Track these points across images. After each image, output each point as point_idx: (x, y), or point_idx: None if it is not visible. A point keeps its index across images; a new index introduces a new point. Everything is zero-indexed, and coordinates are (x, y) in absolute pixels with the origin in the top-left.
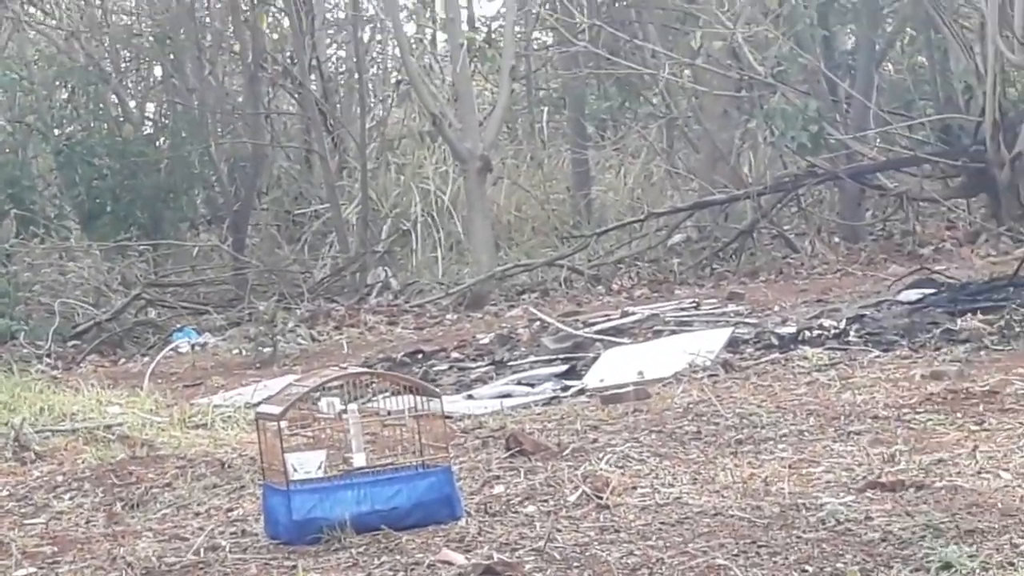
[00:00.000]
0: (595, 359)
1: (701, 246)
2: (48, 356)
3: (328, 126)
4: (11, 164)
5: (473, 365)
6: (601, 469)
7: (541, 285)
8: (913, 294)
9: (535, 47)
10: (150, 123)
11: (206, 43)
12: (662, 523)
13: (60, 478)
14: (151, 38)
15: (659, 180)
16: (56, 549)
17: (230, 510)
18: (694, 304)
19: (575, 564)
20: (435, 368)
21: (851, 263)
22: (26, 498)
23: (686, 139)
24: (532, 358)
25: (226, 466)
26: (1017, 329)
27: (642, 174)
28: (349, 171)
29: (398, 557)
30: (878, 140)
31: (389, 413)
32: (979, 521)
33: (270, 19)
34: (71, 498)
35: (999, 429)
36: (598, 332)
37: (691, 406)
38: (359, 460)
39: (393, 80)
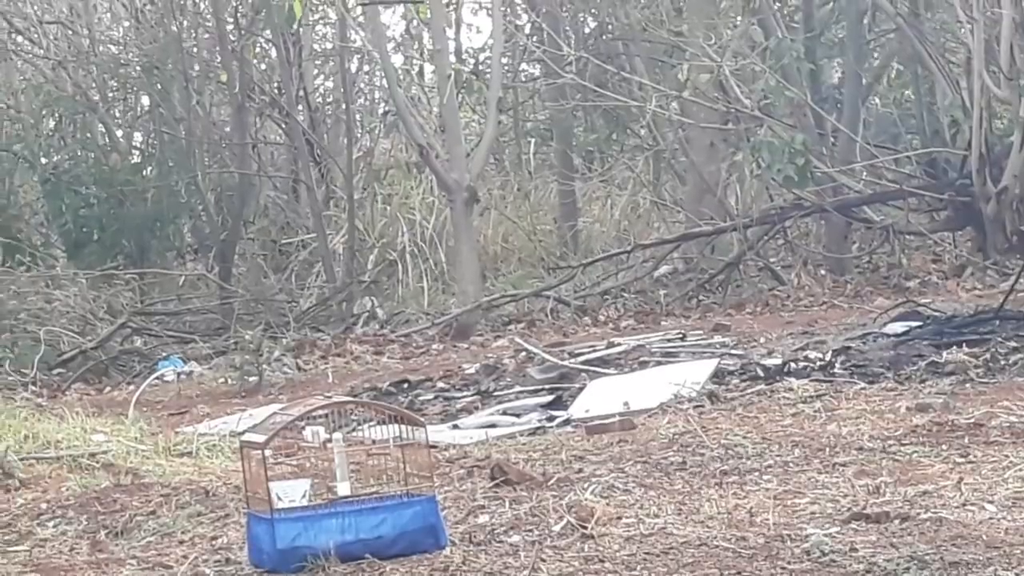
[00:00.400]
0: (581, 389)
1: (687, 277)
2: (33, 384)
3: (315, 156)
4: None
5: (459, 395)
6: (586, 499)
7: (527, 316)
8: (899, 326)
9: (522, 79)
10: (137, 152)
11: (193, 73)
12: (647, 553)
13: (44, 505)
14: (138, 68)
15: (646, 212)
16: None
17: (214, 538)
18: (680, 335)
19: None
20: (421, 398)
21: (837, 295)
22: (10, 525)
23: (673, 171)
24: (518, 388)
25: (211, 494)
26: (1002, 362)
27: (629, 205)
28: (336, 201)
29: None
30: (864, 173)
31: (374, 442)
32: (964, 553)
33: (257, 50)
34: (55, 526)
35: (984, 461)
36: (584, 362)
37: (676, 437)
38: (344, 489)
39: (380, 111)
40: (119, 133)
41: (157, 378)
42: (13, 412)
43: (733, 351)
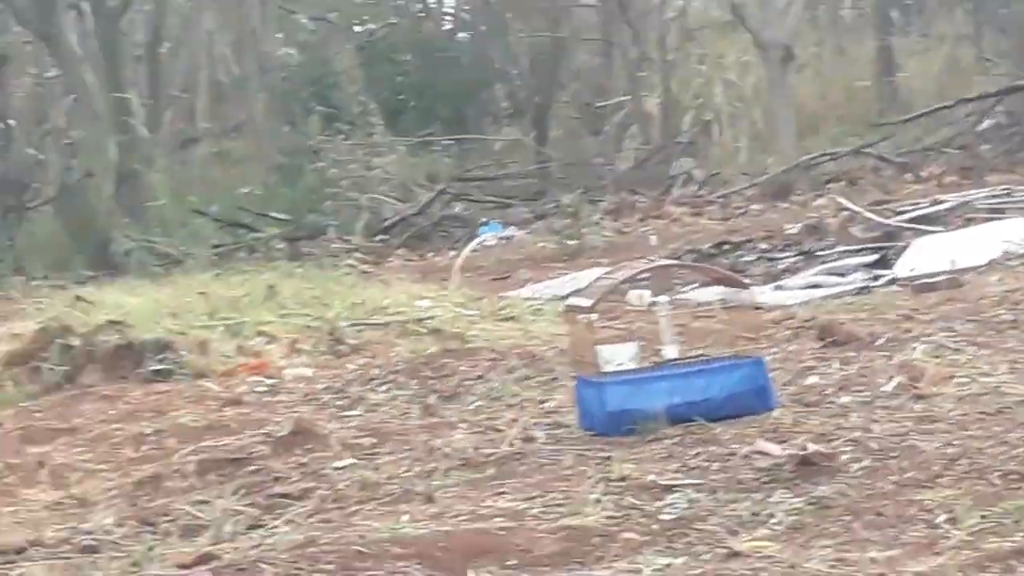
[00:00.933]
0: (905, 248)
1: (1012, 131)
2: (357, 251)
3: (627, 18)
4: (314, 62)
5: (781, 256)
6: (916, 359)
7: (847, 174)
8: None
9: None
10: (450, 19)
11: None
12: (980, 413)
13: (375, 371)
14: None
15: (967, 66)
16: (374, 440)
17: (542, 402)
18: (1006, 191)
19: (892, 455)
20: (742, 259)
21: None
22: (342, 391)
23: (994, 23)
24: (840, 248)
25: (537, 358)
26: None
27: (949, 60)
28: (649, 63)
29: (712, 448)
30: None
31: (699, 304)
32: None
33: None
34: (386, 391)
35: None
36: (908, 221)
37: (1007, 294)
38: (671, 352)
39: None
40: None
41: (479, 243)
42: (340, 279)
43: None
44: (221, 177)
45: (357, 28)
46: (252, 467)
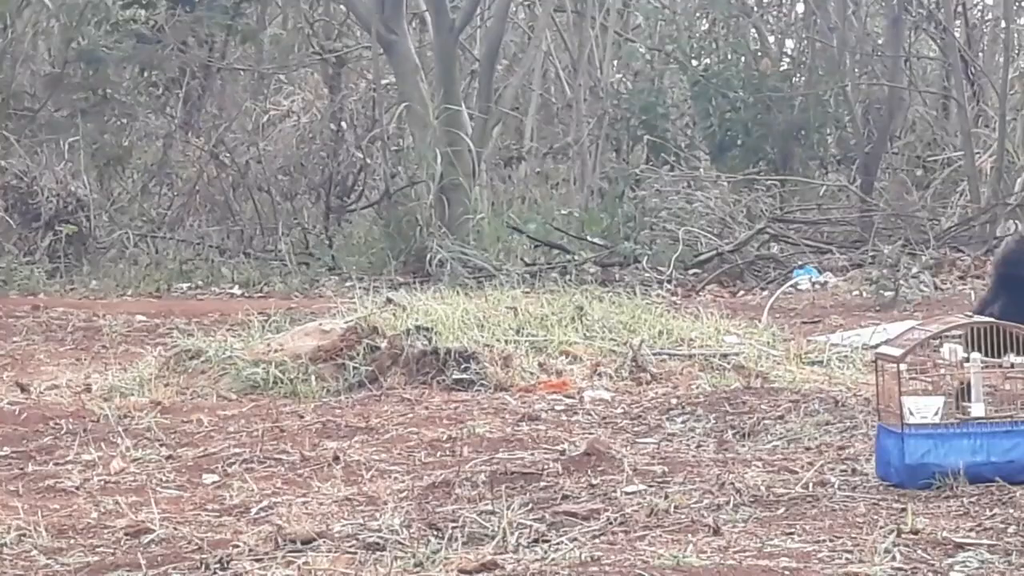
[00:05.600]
0: None
1: None
2: (669, 281)
3: (969, 73)
4: (647, 91)
5: None
6: None
7: None
8: None
9: None
10: (788, 59)
11: None
12: None
13: (674, 401)
14: None
15: None
16: (666, 469)
17: (841, 448)
18: None
19: None
20: None
21: None
22: (640, 417)
23: None
24: None
25: (840, 404)
26: None
27: None
28: (986, 120)
29: (1011, 511)
30: None
31: (1012, 366)
32: None
33: None
34: (683, 421)
35: None
36: None
37: None
38: (977, 410)
39: None
40: (771, 39)
41: (791, 285)
42: (648, 307)
43: None
44: (541, 197)
45: (693, 62)
46: (542, 483)
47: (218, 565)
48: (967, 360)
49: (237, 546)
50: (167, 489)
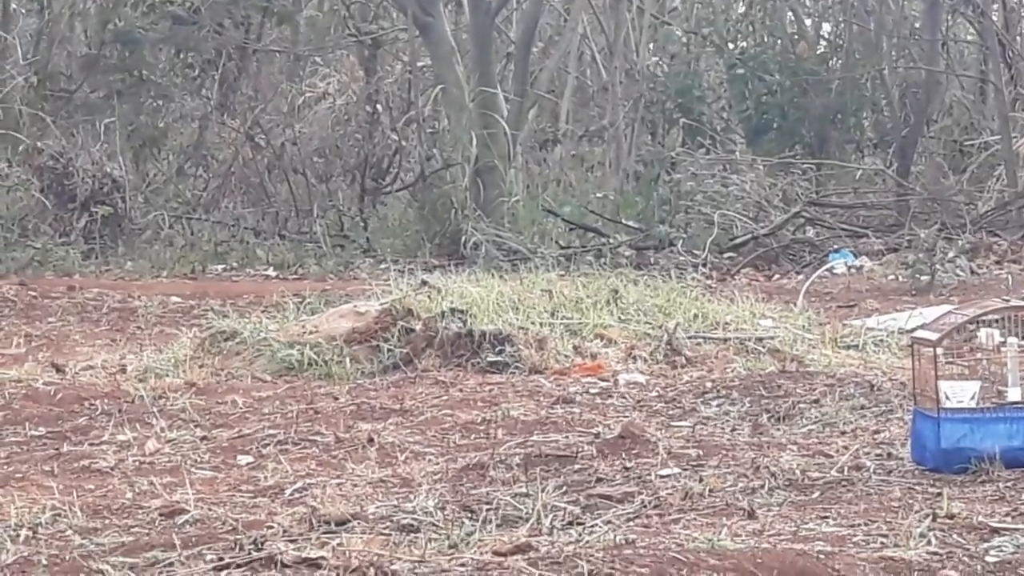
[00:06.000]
0: None
1: None
2: (704, 265)
3: (1007, 57)
4: (683, 74)
5: None
6: None
7: None
8: None
9: None
10: (824, 42)
11: None
12: None
13: (708, 384)
14: None
15: None
16: (701, 452)
17: (876, 432)
18: None
19: None
20: None
21: None
22: (674, 401)
23: None
24: None
25: (875, 388)
26: None
27: None
28: (1023, 104)
29: None
30: None
31: None
32: None
33: None
34: (718, 405)
35: None
36: None
37: None
38: (1014, 394)
39: None
40: (807, 22)
41: (827, 269)
42: (683, 291)
43: None
44: (576, 180)
45: (730, 45)
46: (577, 466)
47: (252, 546)
48: (1004, 344)
49: (271, 527)
50: (201, 470)
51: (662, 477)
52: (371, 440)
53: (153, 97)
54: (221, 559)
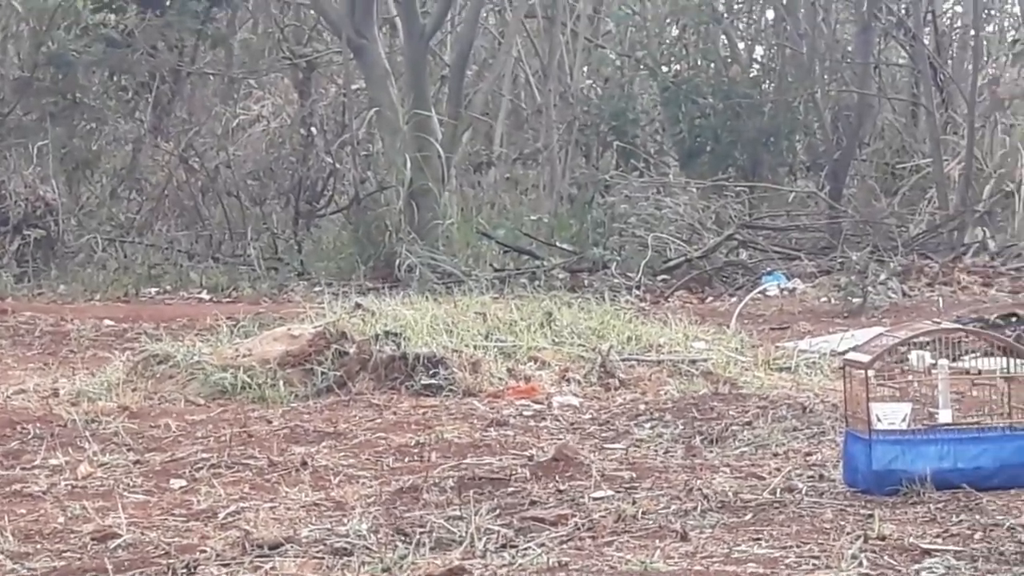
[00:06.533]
0: None
1: None
2: (637, 287)
3: (938, 81)
4: (617, 97)
5: None
6: None
7: None
8: None
9: None
10: (757, 66)
11: None
12: None
13: (642, 407)
14: None
15: None
16: (634, 475)
17: (808, 454)
18: None
19: None
20: None
21: None
22: (608, 423)
23: None
24: None
25: (807, 410)
26: None
27: None
28: (954, 127)
29: (977, 517)
30: None
31: (979, 372)
32: None
33: None
34: (651, 427)
35: None
36: None
37: None
38: (945, 416)
39: (1009, 39)
40: (741, 45)
41: (760, 292)
42: (617, 313)
43: None
44: (511, 203)
45: (663, 68)
46: (511, 489)
47: (185, 570)
48: (935, 367)
49: (204, 551)
50: (134, 494)
51: (595, 499)
52: (304, 463)
53: (86, 120)
54: None
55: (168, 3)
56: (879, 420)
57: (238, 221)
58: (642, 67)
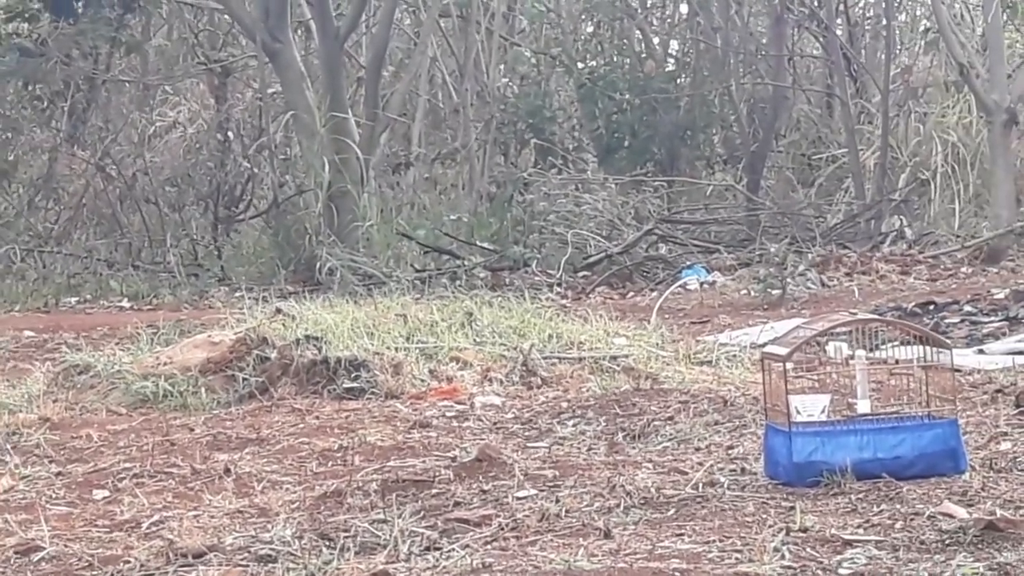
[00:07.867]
0: None
1: None
2: (558, 285)
3: (851, 71)
4: (534, 95)
5: (985, 320)
6: None
7: None
8: None
9: None
10: (672, 60)
11: None
12: None
13: (564, 404)
14: None
15: None
16: (557, 473)
17: (730, 447)
18: None
19: None
20: (946, 320)
21: None
22: (531, 422)
23: None
24: None
25: (729, 404)
26: None
27: None
28: (869, 117)
29: (898, 506)
30: None
31: (897, 362)
32: None
33: None
34: (574, 425)
35: None
36: None
37: None
38: (863, 407)
39: (921, 28)
40: (655, 40)
41: (680, 286)
42: (538, 311)
43: None
44: (430, 203)
45: (579, 64)
46: (434, 490)
47: None
48: (853, 357)
49: (128, 562)
50: (57, 506)
51: (519, 499)
52: (228, 471)
53: (1, 130)
54: None
55: (81, 11)
56: (798, 412)
57: (157, 228)
58: (558, 64)
